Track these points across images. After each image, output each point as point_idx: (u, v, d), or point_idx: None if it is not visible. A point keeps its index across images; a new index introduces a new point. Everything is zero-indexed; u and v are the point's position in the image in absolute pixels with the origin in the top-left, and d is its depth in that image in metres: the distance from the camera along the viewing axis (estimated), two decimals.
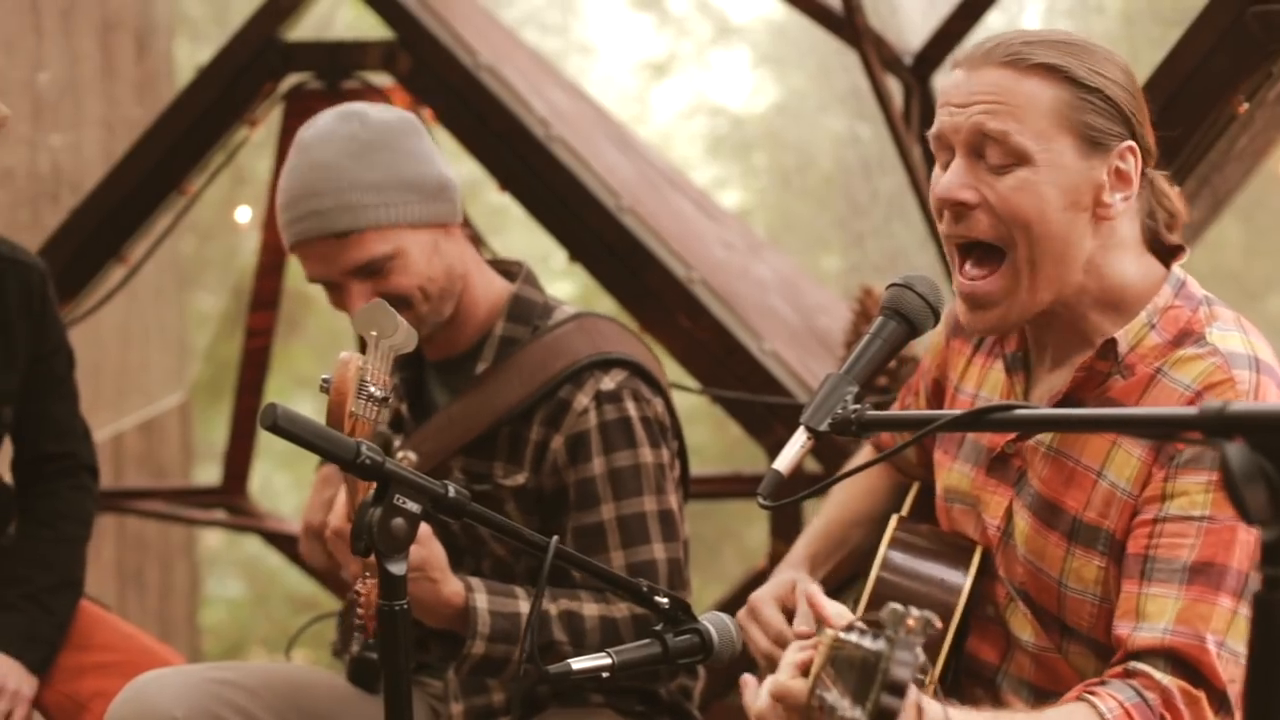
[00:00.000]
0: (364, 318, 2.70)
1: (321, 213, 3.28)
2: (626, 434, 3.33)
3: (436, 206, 3.35)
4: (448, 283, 3.37)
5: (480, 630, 3.20)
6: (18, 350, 3.83)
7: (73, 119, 7.25)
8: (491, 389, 3.38)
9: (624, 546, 3.32)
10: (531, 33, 9.09)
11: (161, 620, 7.96)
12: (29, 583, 3.80)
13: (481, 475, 3.38)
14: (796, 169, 9.12)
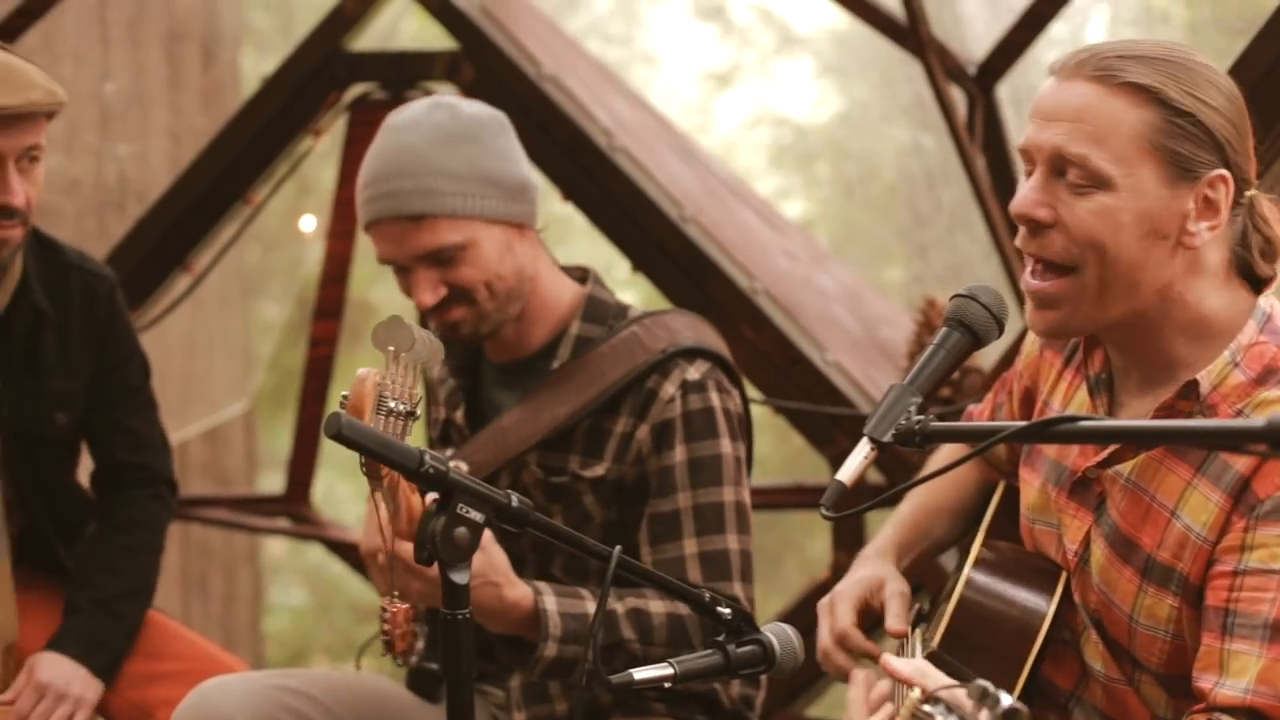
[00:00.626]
0: (381, 334, 2.69)
1: (399, 194, 3.30)
2: (709, 424, 3.34)
3: (514, 205, 3.36)
4: (516, 283, 3.38)
5: (552, 632, 3.21)
6: (78, 358, 3.85)
7: (139, 129, 7.30)
8: (569, 384, 3.39)
9: (698, 534, 3.32)
10: (595, 43, 9.11)
11: (225, 628, 8.00)
12: (99, 588, 3.82)
13: (558, 468, 3.39)
14: (860, 179, 9.10)
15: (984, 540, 2.90)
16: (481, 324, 3.35)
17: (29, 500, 3.86)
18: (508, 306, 3.38)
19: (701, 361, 3.38)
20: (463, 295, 3.31)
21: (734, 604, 2.73)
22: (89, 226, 7.01)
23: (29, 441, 3.82)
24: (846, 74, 9.54)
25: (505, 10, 5.21)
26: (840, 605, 3.07)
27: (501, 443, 3.42)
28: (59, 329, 3.81)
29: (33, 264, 3.79)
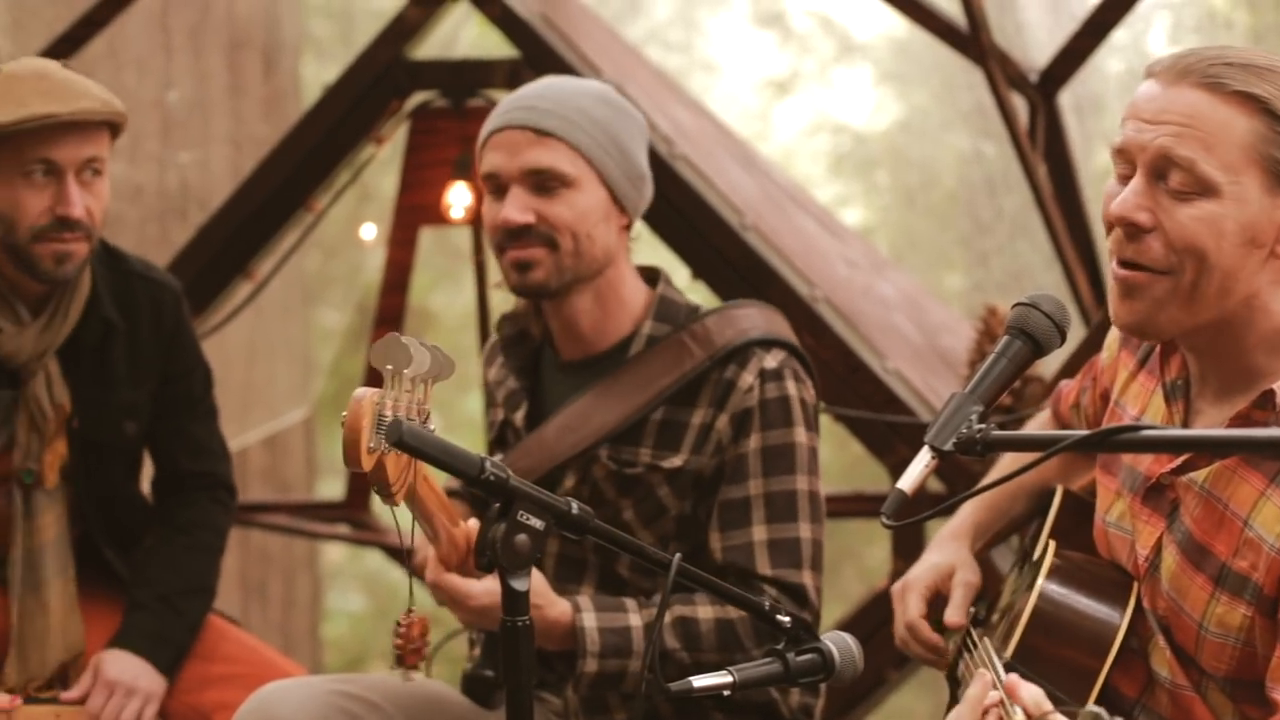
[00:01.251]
0: (378, 352, 2.67)
1: (537, 109, 3.33)
2: (785, 412, 3.34)
3: (628, 186, 3.39)
4: (600, 255, 3.37)
5: (590, 649, 3.21)
6: (145, 368, 3.87)
7: (201, 136, 7.34)
8: (641, 377, 3.39)
9: (769, 521, 3.32)
10: (654, 50, 9.11)
11: (283, 633, 8.03)
12: (162, 585, 3.84)
13: (629, 460, 3.38)
14: (920, 187, 9.08)
15: (1056, 549, 2.88)
16: (553, 275, 3.34)
17: (90, 509, 3.88)
18: (583, 270, 3.37)
19: (778, 350, 3.38)
20: (548, 234, 3.32)
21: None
22: (151, 234, 7.05)
23: (98, 451, 3.85)
24: (906, 81, 9.52)
25: (566, 18, 5.21)
26: (910, 595, 3.08)
27: (572, 435, 3.42)
28: (128, 339, 3.83)
29: (100, 275, 3.81)
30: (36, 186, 3.62)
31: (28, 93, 3.59)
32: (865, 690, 4.97)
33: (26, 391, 3.74)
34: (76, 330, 3.77)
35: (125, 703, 3.72)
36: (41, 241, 3.64)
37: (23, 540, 3.78)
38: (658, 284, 3.50)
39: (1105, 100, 7.66)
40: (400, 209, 5.44)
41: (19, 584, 3.79)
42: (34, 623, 3.79)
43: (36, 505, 3.79)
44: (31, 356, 3.72)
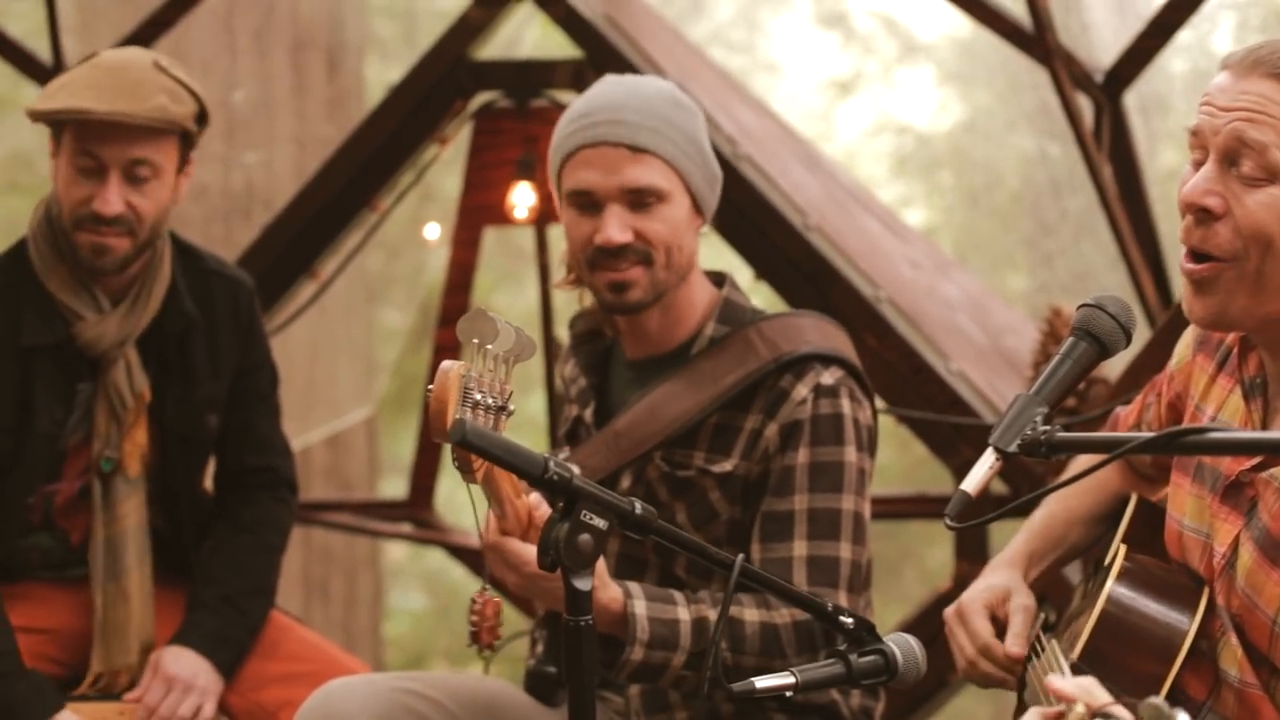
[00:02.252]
0: (465, 326, 2.67)
1: (628, 124, 3.31)
2: (837, 430, 3.32)
3: (707, 191, 3.40)
4: (685, 263, 3.38)
5: (639, 636, 3.20)
6: (225, 362, 3.91)
7: (265, 137, 7.38)
8: (698, 379, 3.38)
9: (810, 538, 3.31)
10: (717, 51, 9.11)
11: (346, 631, 8.06)
12: (225, 585, 3.87)
13: (683, 463, 3.38)
14: (984, 187, 9.05)
15: (1126, 553, 2.86)
16: (648, 292, 3.34)
17: (172, 501, 3.92)
18: (671, 281, 3.37)
19: (837, 367, 3.37)
20: (644, 250, 3.31)
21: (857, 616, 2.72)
22: (216, 233, 7.09)
23: (181, 443, 3.89)
24: (970, 81, 9.49)
25: (629, 18, 5.21)
26: (975, 618, 3.04)
27: (607, 455, 3.42)
28: (207, 334, 3.87)
29: (178, 271, 3.85)
30: (83, 177, 3.66)
31: (86, 84, 3.64)
32: (926, 693, 4.95)
33: (106, 379, 3.77)
34: (157, 321, 3.81)
35: (183, 699, 3.74)
36: (79, 230, 3.68)
37: (103, 528, 3.82)
38: (723, 286, 3.49)
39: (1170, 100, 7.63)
40: (464, 209, 5.46)
41: (101, 572, 3.83)
42: (117, 611, 3.83)
43: (116, 493, 3.82)
44: (112, 345, 3.75)
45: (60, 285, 3.74)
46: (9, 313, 3.73)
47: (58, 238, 3.74)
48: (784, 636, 3.27)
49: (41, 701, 3.68)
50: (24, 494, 3.82)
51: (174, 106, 3.67)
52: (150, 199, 3.68)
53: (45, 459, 3.80)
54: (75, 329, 3.73)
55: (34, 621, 3.86)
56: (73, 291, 3.74)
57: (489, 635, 3.25)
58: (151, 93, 3.65)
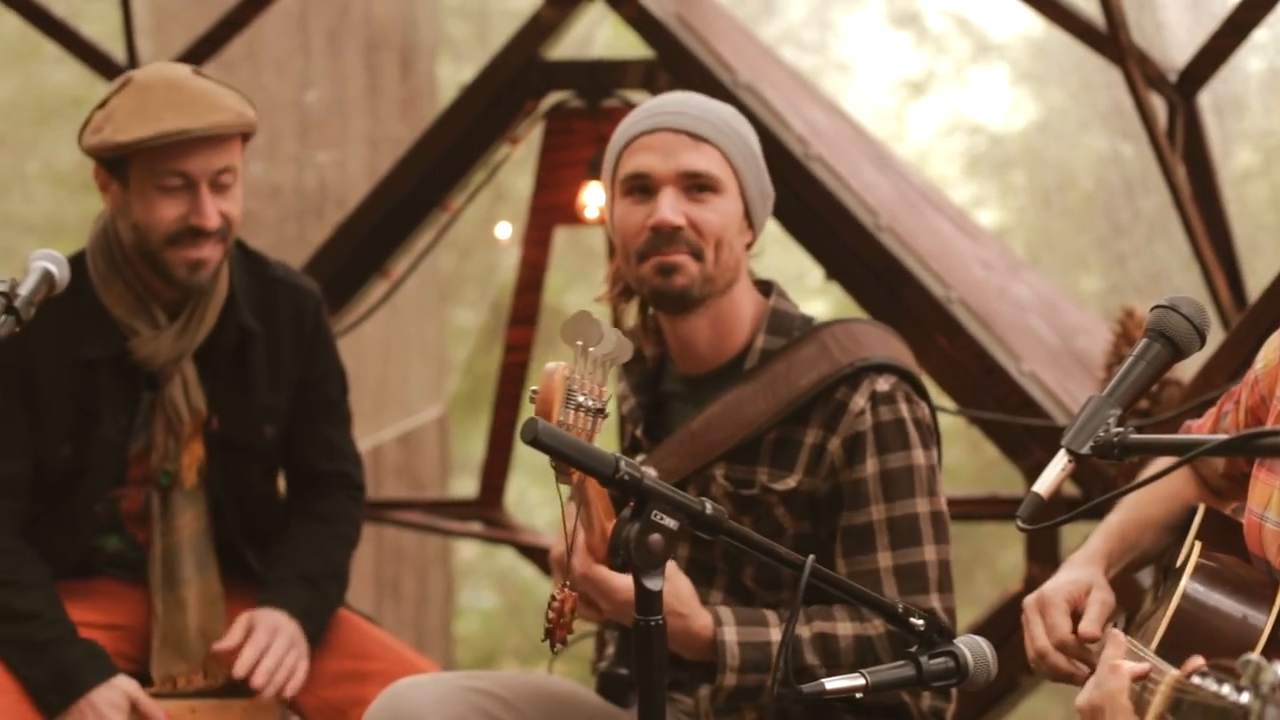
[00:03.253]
0: (570, 328, 2.69)
1: (689, 115, 3.37)
2: (900, 435, 3.32)
3: (758, 200, 3.42)
4: (731, 265, 3.38)
5: (730, 663, 3.21)
6: (285, 372, 3.92)
7: (338, 137, 7.41)
8: (741, 403, 3.38)
9: (893, 547, 3.31)
10: (789, 51, 9.09)
11: (416, 629, 8.08)
12: (304, 565, 3.90)
13: (746, 481, 3.38)
14: (1056, 188, 9.01)
15: (1203, 550, 2.84)
16: (695, 284, 3.35)
17: (229, 510, 3.93)
18: (719, 280, 3.37)
19: (890, 373, 3.36)
20: (694, 242, 3.33)
21: (928, 615, 2.72)
22: (289, 233, 7.13)
23: (238, 454, 3.90)
24: (1043, 81, 9.44)
25: (701, 18, 5.21)
26: (1055, 612, 3.02)
27: (688, 451, 3.42)
28: (267, 344, 3.88)
29: (240, 280, 3.86)
30: (172, 197, 3.67)
31: (161, 106, 3.64)
32: (998, 694, 4.93)
33: (163, 395, 3.80)
34: (213, 335, 3.82)
35: (288, 651, 3.77)
36: (175, 248, 3.69)
37: (161, 539, 3.85)
38: (770, 295, 3.49)
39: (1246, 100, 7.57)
40: (535, 209, 5.46)
41: (159, 582, 3.86)
42: (173, 619, 3.85)
43: (174, 505, 3.85)
44: (168, 360, 3.77)
45: (116, 301, 3.76)
46: (69, 326, 3.75)
47: (115, 255, 3.76)
48: (879, 647, 3.27)
49: (96, 666, 3.71)
50: (94, 500, 3.85)
51: (246, 108, 3.71)
52: (235, 203, 3.73)
53: (112, 465, 3.83)
54: (131, 344, 3.75)
55: (105, 618, 3.89)
56: (129, 308, 3.76)
57: (562, 632, 3.25)
58: (222, 99, 3.68)
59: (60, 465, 3.80)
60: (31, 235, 9.22)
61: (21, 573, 3.73)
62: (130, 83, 3.71)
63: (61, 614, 3.73)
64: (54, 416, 3.77)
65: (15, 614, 3.70)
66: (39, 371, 3.75)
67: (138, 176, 3.69)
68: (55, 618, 3.72)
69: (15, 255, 8.86)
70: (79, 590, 3.87)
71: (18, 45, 9.31)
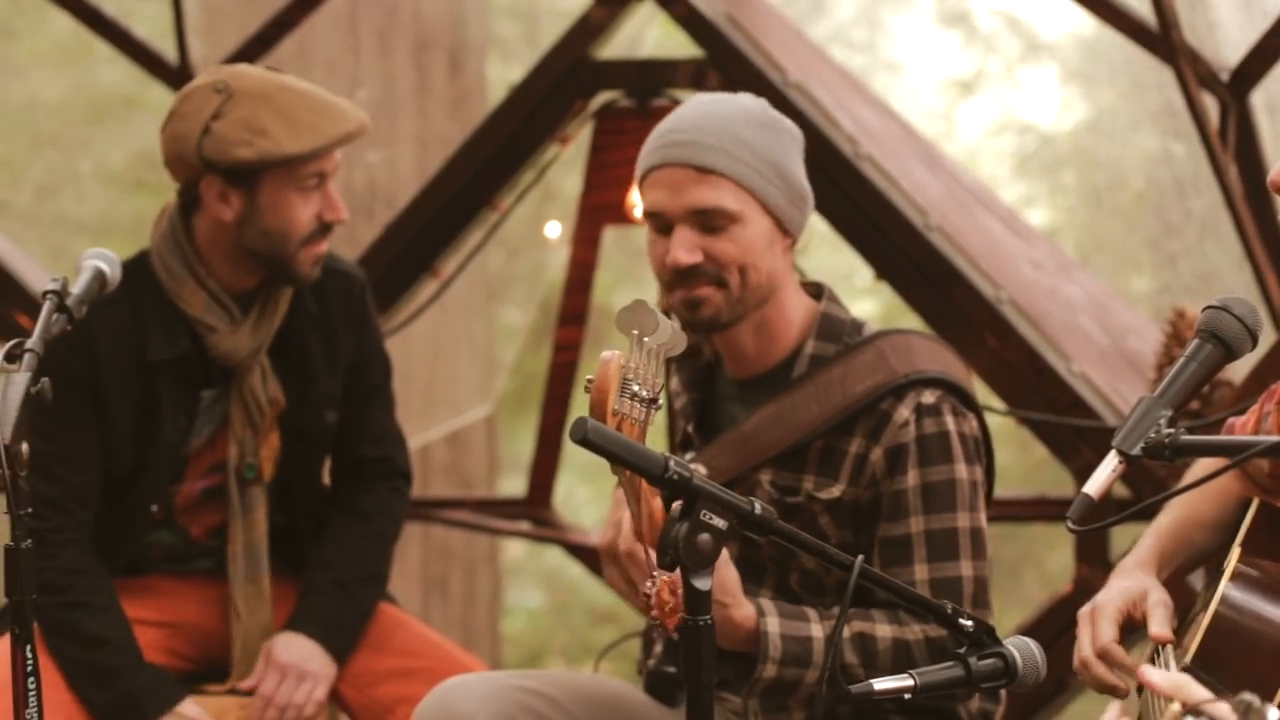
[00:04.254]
0: (625, 317, 2.69)
1: (696, 145, 3.32)
2: (944, 449, 3.30)
3: (789, 209, 3.37)
4: (766, 282, 3.36)
5: (771, 655, 3.20)
6: (340, 357, 3.95)
7: (388, 136, 7.43)
8: (795, 406, 3.37)
9: (930, 560, 3.30)
10: (838, 50, 9.08)
11: (464, 627, 8.10)
12: (339, 570, 3.91)
13: (792, 488, 3.37)
14: (1107, 188, 8.96)
15: (1240, 555, 2.83)
16: (723, 311, 3.34)
17: (291, 498, 3.96)
18: (750, 300, 3.36)
19: (937, 387, 3.34)
20: (715, 272, 3.32)
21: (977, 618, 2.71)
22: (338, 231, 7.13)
23: (305, 442, 3.93)
24: (1093, 81, 9.40)
25: (750, 17, 5.21)
26: (1102, 619, 3.01)
27: (737, 453, 3.41)
28: (323, 330, 3.91)
29: None
30: (307, 197, 3.72)
31: (307, 112, 3.70)
32: (1046, 696, 4.91)
33: (242, 388, 3.82)
34: (282, 325, 3.85)
35: (297, 686, 3.79)
36: (309, 246, 3.74)
37: (242, 534, 3.87)
38: (821, 299, 3.47)
39: None
40: (584, 208, 5.47)
41: (241, 577, 3.88)
42: (256, 614, 3.88)
43: (253, 499, 3.88)
44: (249, 354, 3.80)
45: (191, 299, 3.78)
46: (134, 328, 3.77)
47: (186, 254, 3.78)
48: (917, 653, 3.26)
49: (164, 692, 3.74)
50: (150, 500, 3.88)
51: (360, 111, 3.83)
52: None
53: (170, 465, 3.85)
54: (209, 341, 3.77)
55: (158, 615, 3.92)
56: (203, 305, 3.78)
57: (671, 619, 3.22)
58: (340, 102, 3.80)
59: (123, 468, 3.82)
60: (83, 234, 9.27)
61: (94, 595, 3.76)
62: (242, 93, 3.69)
63: (130, 638, 3.76)
64: (119, 421, 3.79)
65: (87, 638, 3.73)
66: (104, 379, 3.76)
67: (273, 183, 3.71)
68: (125, 643, 3.75)
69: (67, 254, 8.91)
70: (132, 587, 3.90)
71: (69, 45, 9.37)
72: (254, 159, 3.65)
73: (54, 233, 9.37)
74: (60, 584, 3.69)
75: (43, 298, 3.14)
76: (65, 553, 3.74)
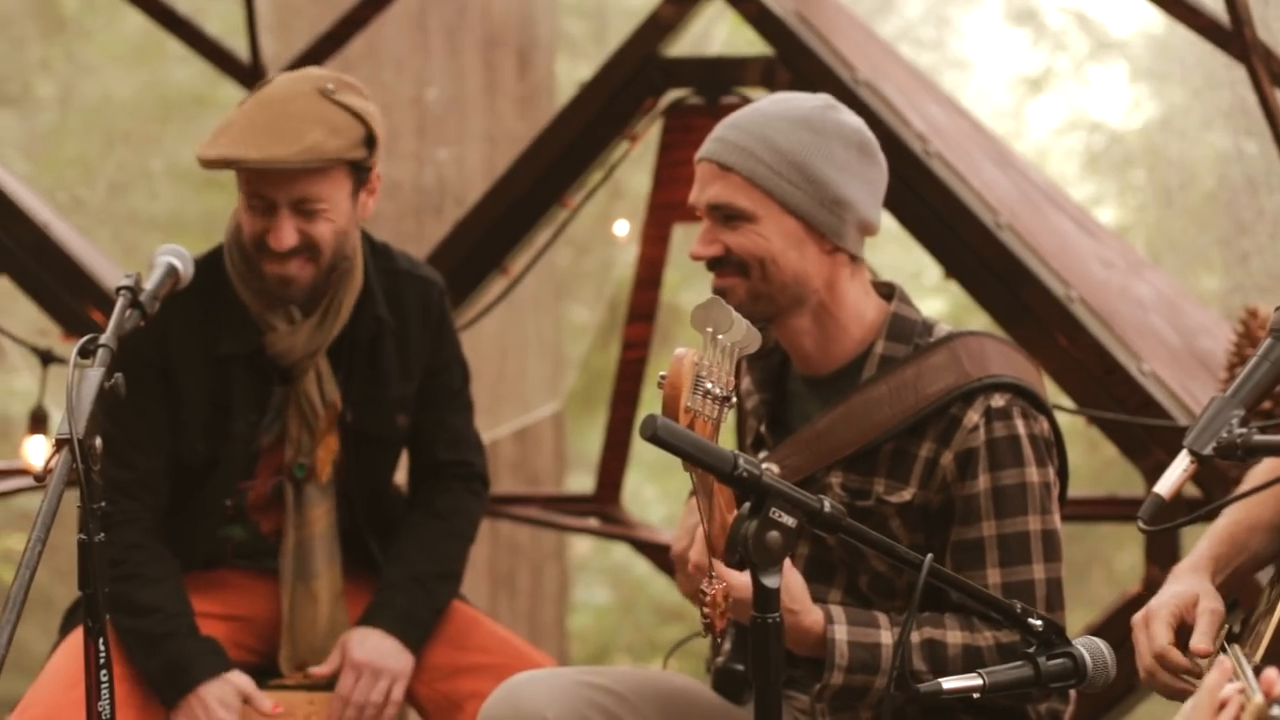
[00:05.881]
0: (700, 315, 2.70)
1: (725, 141, 3.36)
2: (1015, 452, 3.29)
3: (820, 212, 3.34)
4: (794, 284, 3.35)
5: (839, 663, 3.20)
6: (415, 362, 3.95)
7: (457, 134, 7.47)
8: (869, 406, 3.36)
9: (1002, 565, 3.28)
10: (907, 48, 9.06)
11: (531, 624, 8.12)
12: (415, 566, 3.92)
13: (863, 491, 3.36)
14: (1178, 186, 8.91)
15: None
16: (747, 302, 3.35)
17: (353, 501, 3.97)
18: (780, 297, 3.36)
19: (1007, 390, 3.33)
20: (738, 262, 3.33)
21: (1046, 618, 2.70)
22: (408, 229, 7.18)
23: (371, 445, 3.94)
24: (1164, 78, 9.35)
25: (820, 15, 5.20)
26: (1156, 624, 3.00)
27: (810, 451, 3.41)
28: (397, 335, 3.92)
29: (371, 273, 3.90)
30: (257, 214, 3.69)
31: (243, 129, 3.64)
32: (1116, 697, 4.89)
33: (298, 389, 3.83)
34: (347, 328, 3.85)
35: (373, 684, 3.80)
36: (262, 261, 3.71)
37: (294, 532, 3.89)
38: (892, 300, 3.46)
39: None
40: (653, 206, 5.47)
41: (290, 575, 3.89)
42: (304, 612, 3.89)
43: (307, 499, 3.89)
44: (303, 355, 3.81)
45: (253, 296, 3.80)
46: (206, 322, 3.79)
47: (247, 250, 3.80)
48: (988, 658, 3.25)
49: (210, 661, 3.75)
50: (224, 494, 3.90)
51: (330, 141, 3.65)
52: (325, 227, 3.70)
53: (242, 460, 3.87)
54: (266, 339, 3.79)
55: (229, 609, 3.94)
56: (265, 303, 3.80)
57: (723, 621, 3.23)
58: (307, 130, 3.62)
59: (195, 460, 3.85)
60: (155, 231, 9.33)
61: (148, 568, 3.78)
62: (261, 89, 3.74)
63: (183, 609, 3.77)
64: (191, 412, 3.82)
65: (138, 607, 3.75)
66: (177, 368, 3.79)
67: (240, 187, 3.73)
68: (176, 611, 3.76)
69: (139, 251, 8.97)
70: (204, 582, 3.92)
71: (142, 43, 9.43)
72: (197, 154, 3.67)
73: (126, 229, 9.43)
74: (116, 557, 3.69)
75: (116, 294, 3.16)
76: (126, 531, 3.76)
